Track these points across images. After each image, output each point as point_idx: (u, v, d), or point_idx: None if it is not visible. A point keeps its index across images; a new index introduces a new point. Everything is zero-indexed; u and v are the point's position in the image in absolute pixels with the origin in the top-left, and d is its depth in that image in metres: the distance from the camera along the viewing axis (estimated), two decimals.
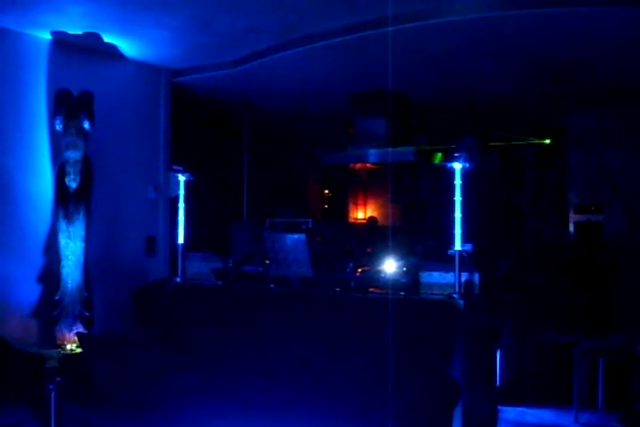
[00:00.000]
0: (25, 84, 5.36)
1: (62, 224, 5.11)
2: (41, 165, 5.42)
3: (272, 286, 5.00)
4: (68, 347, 5.01)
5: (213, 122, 8.08)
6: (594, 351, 5.00)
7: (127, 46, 5.73)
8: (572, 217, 7.97)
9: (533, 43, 5.51)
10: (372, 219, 9.87)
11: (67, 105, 5.14)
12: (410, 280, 4.62)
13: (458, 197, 4.29)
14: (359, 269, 5.12)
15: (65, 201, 5.13)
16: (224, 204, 7.91)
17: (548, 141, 8.75)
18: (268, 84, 6.94)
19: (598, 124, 7.83)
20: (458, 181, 4.29)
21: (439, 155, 7.35)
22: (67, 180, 5.14)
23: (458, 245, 4.22)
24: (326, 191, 10.74)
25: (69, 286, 5.10)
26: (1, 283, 5.07)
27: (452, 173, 4.31)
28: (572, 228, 7.97)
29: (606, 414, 4.88)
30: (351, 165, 8.03)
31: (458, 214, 4.28)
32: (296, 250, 4.82)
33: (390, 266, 4.84)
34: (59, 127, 5.15)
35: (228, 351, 4.47)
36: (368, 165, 7.79)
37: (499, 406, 4.99)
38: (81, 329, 5.05)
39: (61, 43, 5.51)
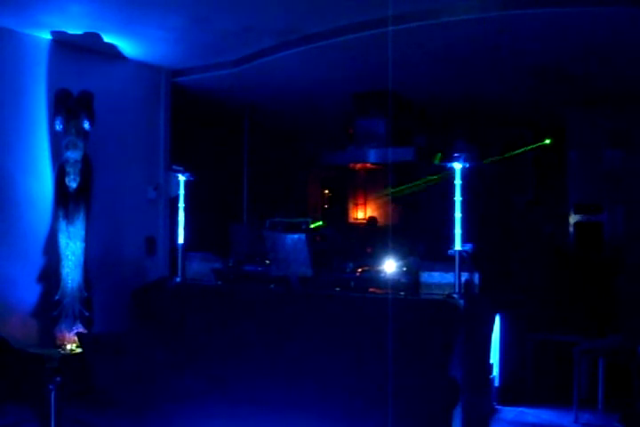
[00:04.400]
0: (25, 84, 5.36)
1: (62, 224, 5.11)
2: (41, 165, 5.42)
3: (272, 285, 5.00)
4: (68, 347, 5.00)
5: (213, 122, 8.07)
6: (594, 351, 5.00)
7: (127, 46, 5.73)
8: (572, 217, 7.96)
9: (533, 43, 5.51)
10: (371, 219, 9.87)
11: (67, 105, 5.14)
12: (410, 280, 4.63)
13: (458, 197, 4.29)
14: (359, 269, 5.13)
15: (65, 201, 5.13)
16: (224, 204, 7.91)
17: (548, 141, 8.75)
18: (268, 84, 6.94)
19: (598, 124, 7.83)
20: (458, 181, 4.30)
21: (439, 155, 7.35)
22: (67, 180, 5.14)
23: (458, 245, 4.22)
24: (326, 191, 10.74)
25: (69, 285, 5.10)
26: (1, 283, 5.07)
27: (451, 172, 4.32)
28: (571, 228, 7.97)
29: (606, 414, 4.87)
30: (351, 164, 8.02)
31: (458, 214, 4.28)
32: (296, 250, 4.82)
33: (390, 266, 4.85)
34: (59, 127, 5.15)
35: (228, 351, 4.47)
36: (368, 164, 7.79)
37: (499, 406, 5.00)
38: (81, 329, 5.05)
39: (61, 43, 5.51)
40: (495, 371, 5.00)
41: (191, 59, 6.29)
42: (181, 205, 5.47)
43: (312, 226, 5.37)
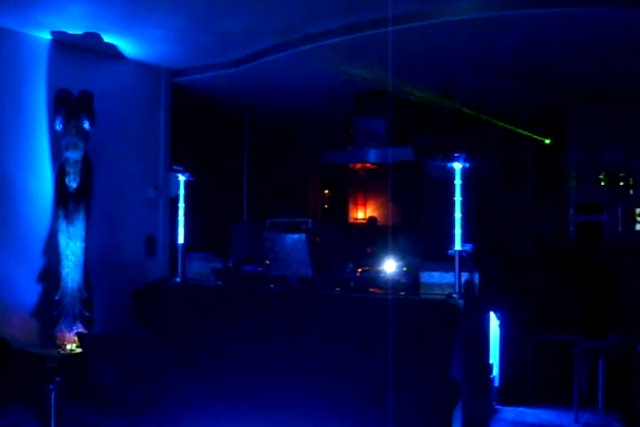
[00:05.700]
0: (25, 84, 5.36)
1: (62, 224, 5.12)
2: (41, 165, 5.42)
3: (272, 286, 5.00)
4: (68, 347, 5.00)
5: (213, 122, 8.07)
6: (594, 351, 5.00)
7: (127, 46, 5.73)
8: (572, 217, 7.96)
9: (533, 42, 5.51)
10: (371, 219, 9.87)
11: (67, 105, 5.14)
12: (410, 280, 4.63)
13: (458, 197, 4.29)
14: (359, 270, 5.13)
15: (65, 201, 5.14)
16: (224, 204, 7.91)
17: (548, 141, 8.75)
18: (268, 84, 6.94)
19: (598, 124, 7.83)
20: (458, 181, 4.30)
21: (439, 155, 7.35)
22: (67, 180, 5.14)
23: (458, 245, 4.22)
24: (326, 191, 10.74)
25: (69, 285, 5.10)
26: (1, 283, 5.07)
27: (451, 172, 4.32)
28: (571, 228, 7.97)
29: (606, 414, 4.87)
30: (351, 164, 8.03)
31: (458, 214, 4.28)
32: (296, 250, 4.82)
33: (390, 266, 4.85)
34: (59, 127, 5.15)
35: (228, 351, 4.47)
36: (368, 164, 7.79)
37: (499, 406, 5.00)
38: (81, 329, 5.05)
39: (61, 43, 5.51)
40: (495, 371, 5.00)
41: (191, 59, 6.29)
42: (181, 205, 5.47)
43: None
